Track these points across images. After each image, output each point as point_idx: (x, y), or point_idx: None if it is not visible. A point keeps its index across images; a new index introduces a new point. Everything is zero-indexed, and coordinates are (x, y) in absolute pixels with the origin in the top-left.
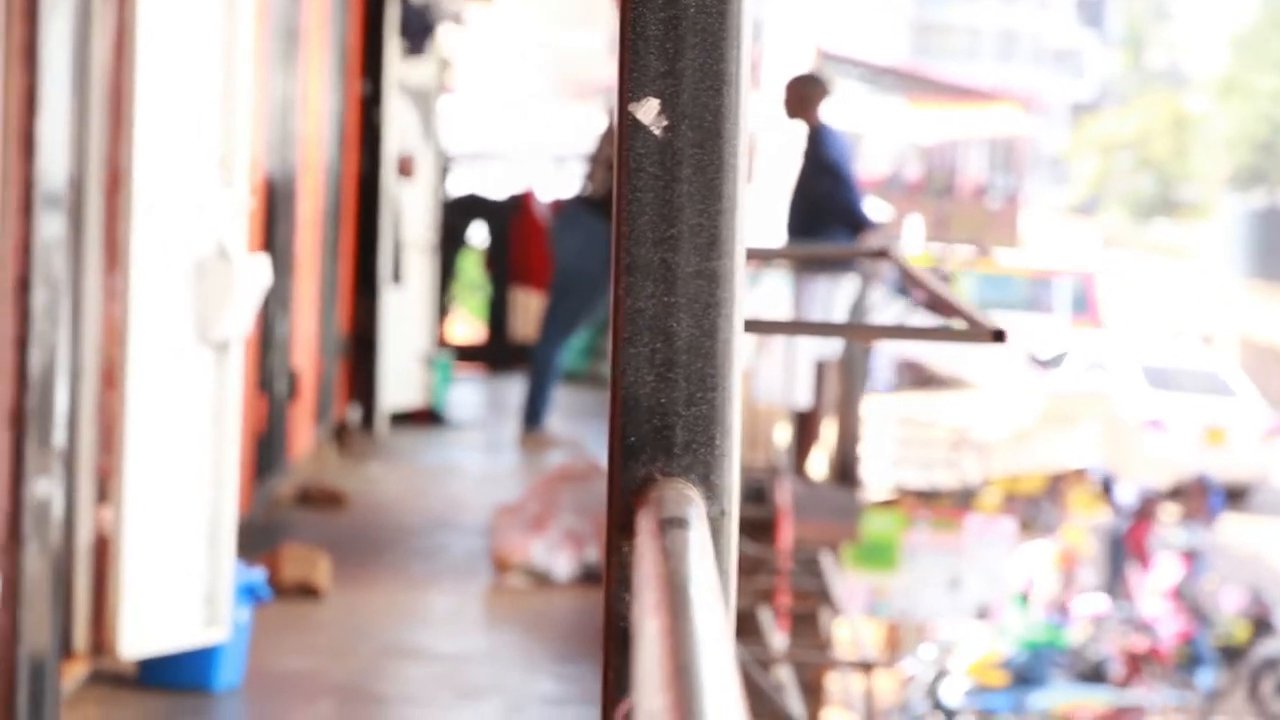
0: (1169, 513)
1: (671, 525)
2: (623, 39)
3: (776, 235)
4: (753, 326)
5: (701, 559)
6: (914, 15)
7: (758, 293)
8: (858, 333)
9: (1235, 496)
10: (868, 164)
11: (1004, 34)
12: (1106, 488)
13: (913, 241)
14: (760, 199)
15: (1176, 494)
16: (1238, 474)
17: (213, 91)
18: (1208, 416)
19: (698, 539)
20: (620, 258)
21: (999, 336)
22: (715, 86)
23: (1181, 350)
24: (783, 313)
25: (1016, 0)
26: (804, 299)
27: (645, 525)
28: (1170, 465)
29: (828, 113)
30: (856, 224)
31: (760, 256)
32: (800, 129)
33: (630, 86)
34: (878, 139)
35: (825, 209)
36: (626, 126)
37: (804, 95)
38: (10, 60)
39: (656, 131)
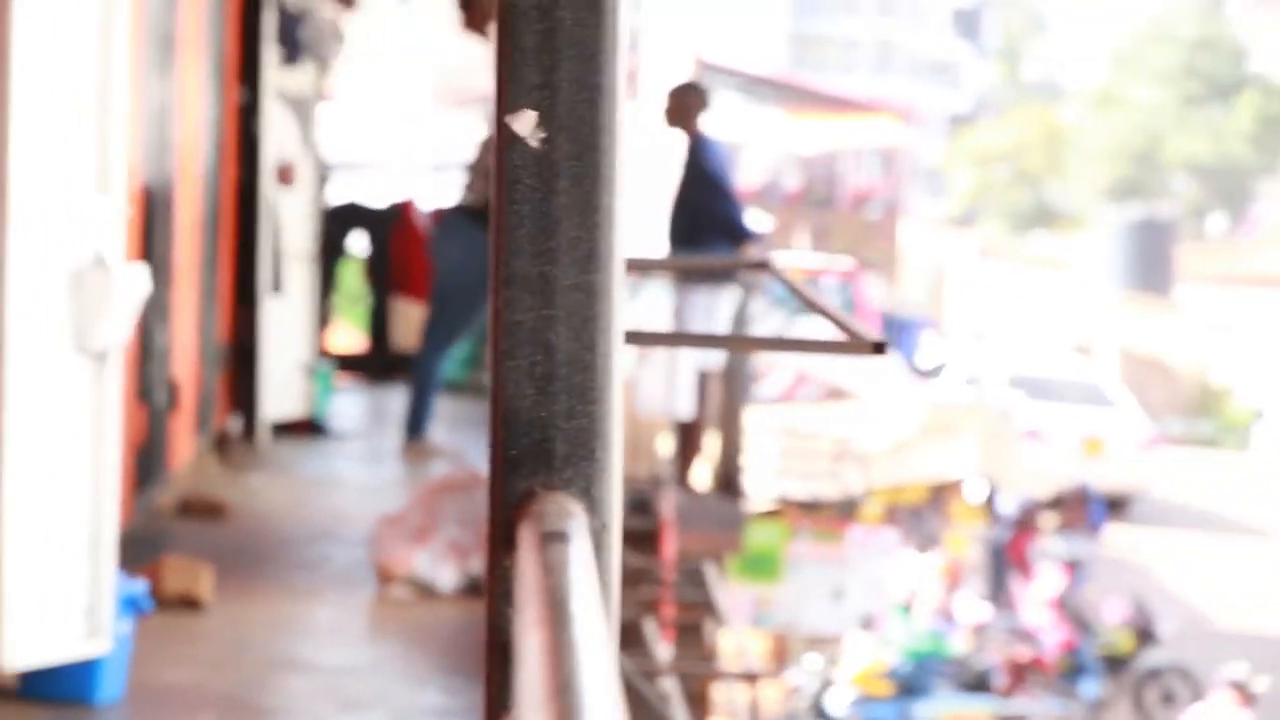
0: (1050, 522)
1: (552, 539)
2: (499, 51)
3: (657, 245)
4: (634, 339)
5: (583, 573)
6: (791, 27)
7: (639, 303)
8: (739, 344)
9: (1115, 507)
10: (747, 174)
11: (881, 45)
12: (988, 498)
13: (799, 253)
14: (640, 208)
15: (1057, 504)
16: (1117, 484)
17: (88, 99)
18: (1086, 427)
19: (579, 553)
20: (499, 271)
21: (879, 348)
22: (592, 98)
23: (1059, 361)
24: (664, 323)
25: (893, 12)
26: (685, 310)
27: (526, 539)
28: (1050, 475)
29: (707, 123)
30: (736, 235)
31: (640, 267)
32: (679, 138)
33: (507, 98)
34: (757, 149)
35: (705, 220)
36: (504, 138)
37: (684, 104)
38: None
39: (533, 143)
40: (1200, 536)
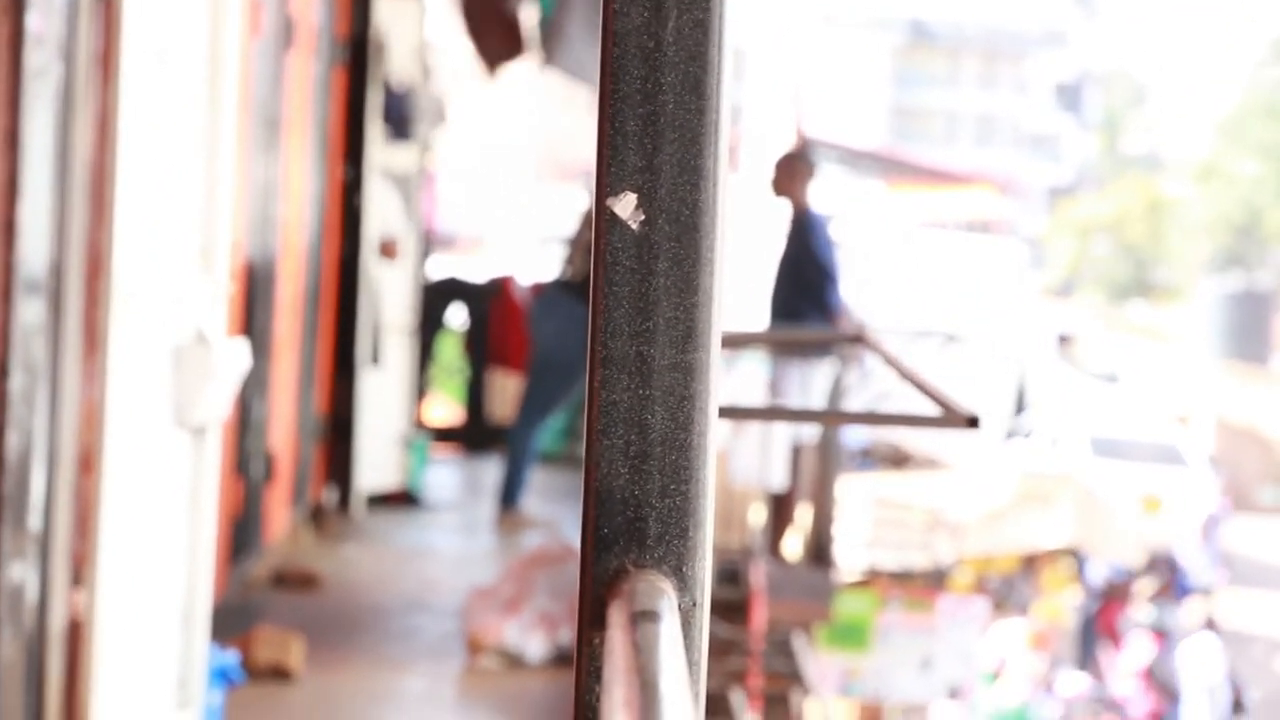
0: (1141, 592)
1: (642, 619)
2: (600, 133)
3: (758, 315)
4: (728, 413)
5: (672, 653)
6: (893, 99)
7: (734, 375)
8: (833, 419)
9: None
10: (849, 246)
11: (982, 119)
12: (1079, 567)
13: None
14: (740, 278)
15: (1149, 572)
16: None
17: (194, 179)
18: (1151, 485)
19: (669, 632)
20: (596, 350)
21: (973, 423)
22: (693, 181)
23: (1138, 422)
24: (759, 395)
25: (995, 85)
26: (781, 382)
27: (616, 618)
28: (1142, 543)
29: (814, 194)
30: (832, 315)
31: (737, 342)
32: (785, 208)
33: (607, 181)
34: (856, 222)
35: (808, 298)
36: (603, 221)
37: (791, 173)
38: None
39: (633, 226)
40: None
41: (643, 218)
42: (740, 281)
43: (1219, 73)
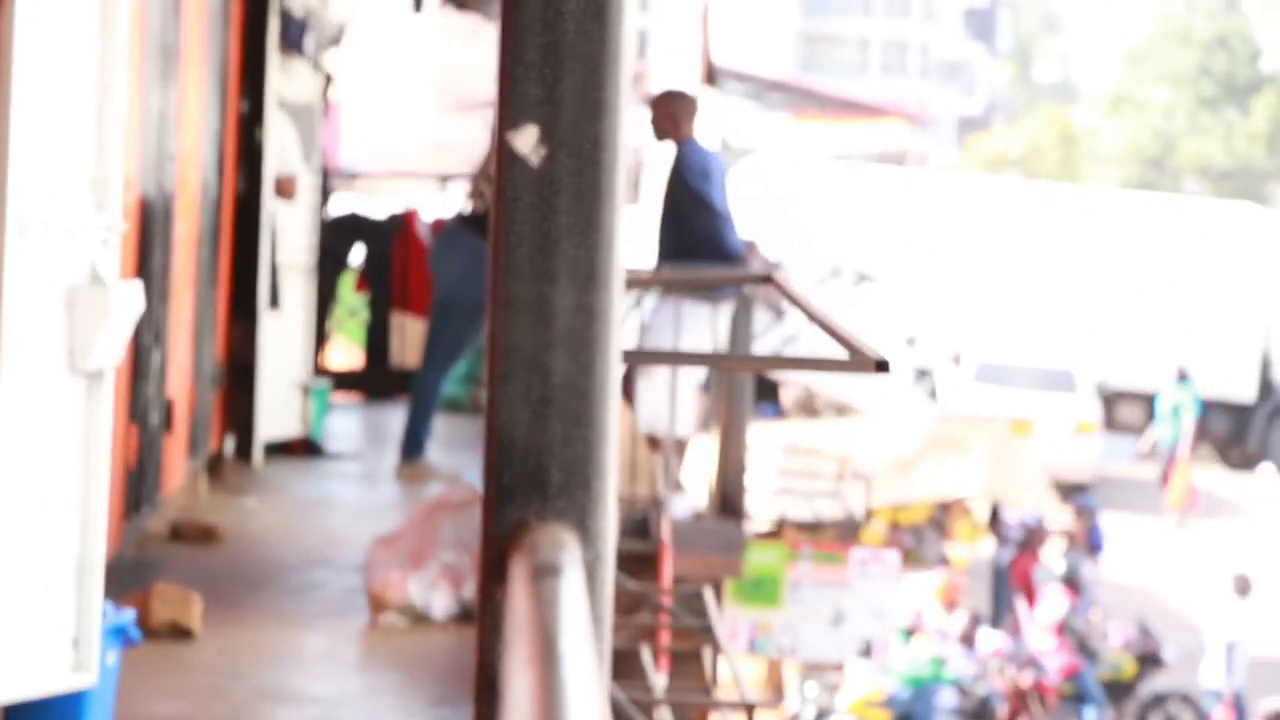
0: (1054, 541)
1: (544, 573)
2: (501, 64)
3: (647, 258)
4: (631, 358)
5: (574, 609)
6: (802, 27)
7: (635, 317)
8: (739, 363)
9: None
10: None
11: (892, 46)
12: (993, 516)
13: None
14: (644, 219)
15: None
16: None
17: (86, 111)
18: (1039, 412)
19: (571, 587)
20: (497, 292)
21: (882, 366)
22: (594, 114)
23: (1025, 347)
24: (660, 335)
25: (905, 13)
26: (683, 322)
27: (519, 573)
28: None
29: (698, 131)
30: (725, 254)
31: (640, 284)
32: (668, 148)
33: (509, 114)
34: (765, 154)
35: (692, 235)
36: (504, 155)
37: (670, 113)
38: None
39: (534, 161)
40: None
41: (544, 152)
42: (643, 223)
43: None
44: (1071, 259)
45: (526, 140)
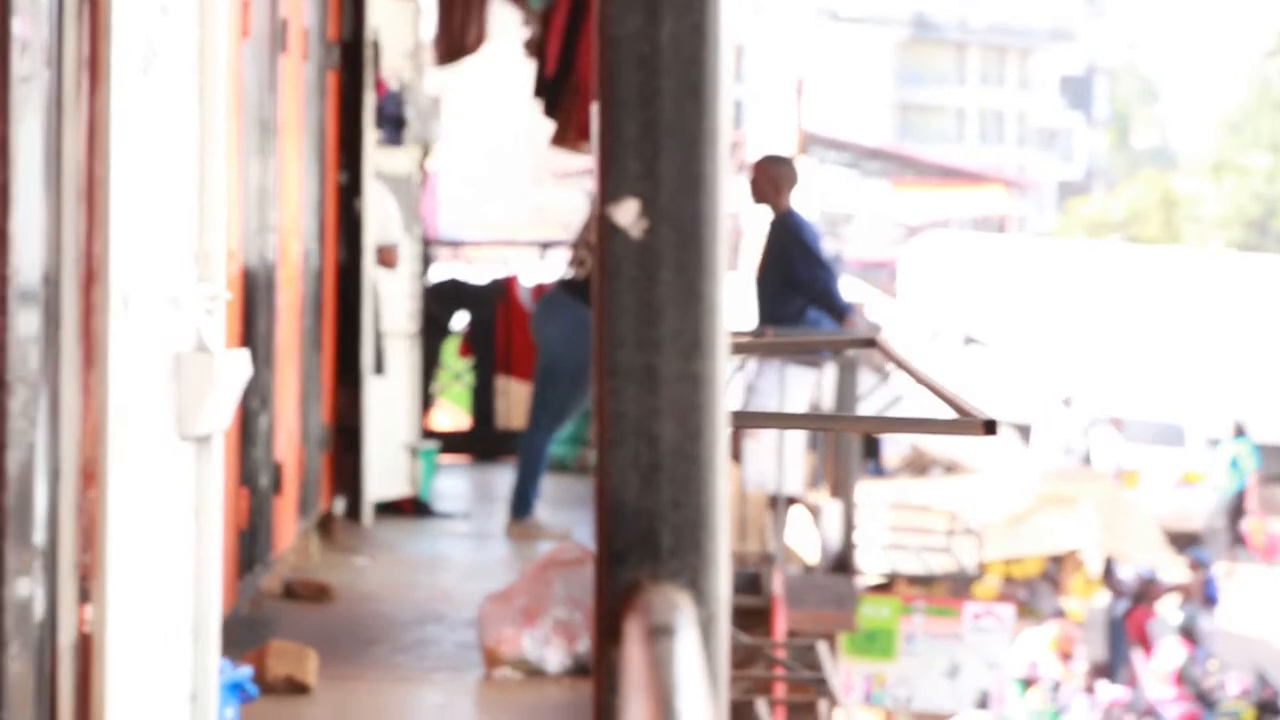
0: (1169, 594)
1: (659, 634)
2: (601, 140)
3: (747, 320)
4: (739, 420)
5: (689, 669)
6: (897, 96)
7: (740, 377)
8: (848, 425)
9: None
10: (852, 246)
11: (988, 115)
12: (1106, 569)
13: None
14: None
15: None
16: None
17: (187, 184)
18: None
19: (686, 647)
20: (603, 361)
21: (990, 428)
22: (694, 188)
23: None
24: (766, 396)
25: (1001, 81)
26: (789, 383)
27: (633, 633)
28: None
29: (796, 198)
30: (838, 311)
31: (745, 349)
32: (765, 214)
33: (609, 188)
34: (863, 220)
35: (801, 293)
36: (605, 229)
37: (773, 177)
38: None
39: (635, 234)
40: None
41: (645, 225)
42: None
43: (1226, 66)
44: (1176, 318)
45: (627, 214)
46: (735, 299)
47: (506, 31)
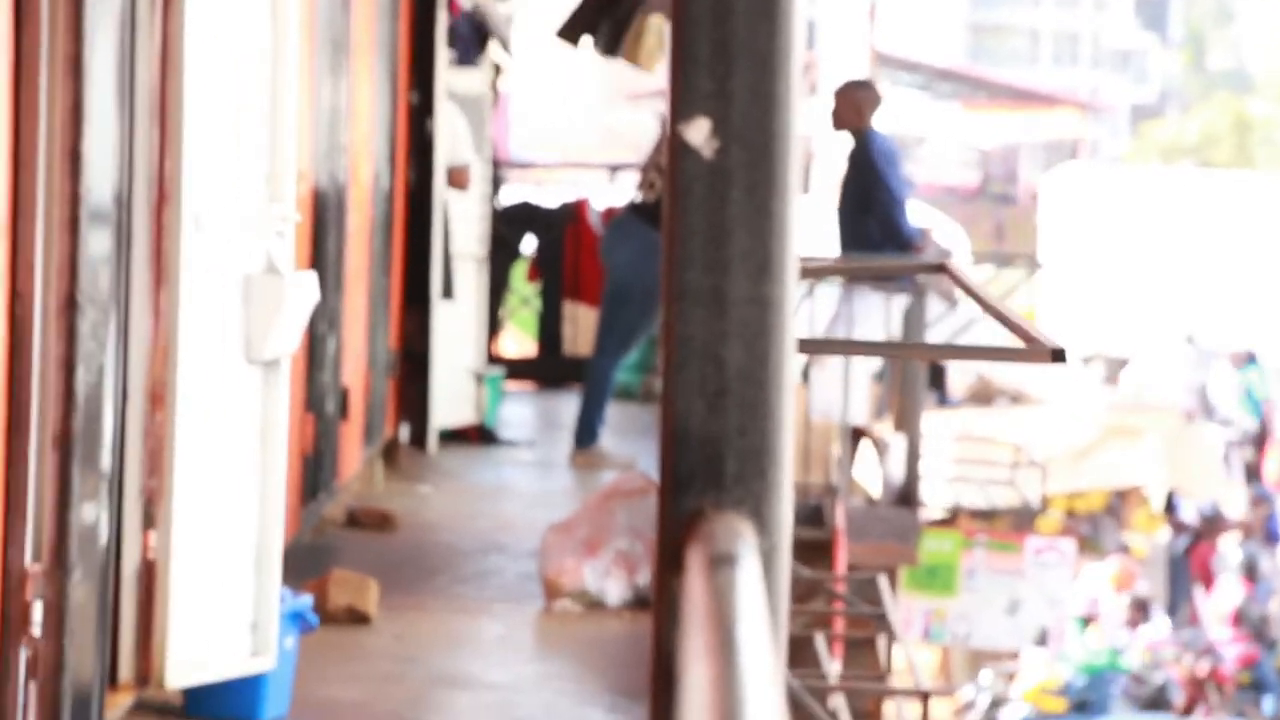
0: (1231, 531)
1: (721, 562)
2: (673, 59)
3: (827, 246)
4: (806, 347)
5: (751, 599)
6: (971, 17)
7: (809, 305)
8: (912, 351)
9: None
10: (924, 169)
11: (1062, 36)
12: (1169, 505)
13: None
14: (819, 208)
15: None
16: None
17: (259, 105)
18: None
19: (747, 577)
20: (670, 283)
21: (1058, 356)
22: (766, 107)
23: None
24: (835, 326)
25: (1075, 3)
26: (858, 313)
27: (695, 562)
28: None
29: (877, 120)
30: (903, 242)
31: (813, 273)
32: (847, 138)
33: (680, 107)
34: (935, 143)
35: (871, 222)
36: (676, 148)
37: (853, 103)
38: (55, 74)
39: (707, 153)
40: None
41: (717, 144)
42: (810, 214)
43: None
44: (1248, 244)
45: (699, 133)
46: (806, 222)
47: None
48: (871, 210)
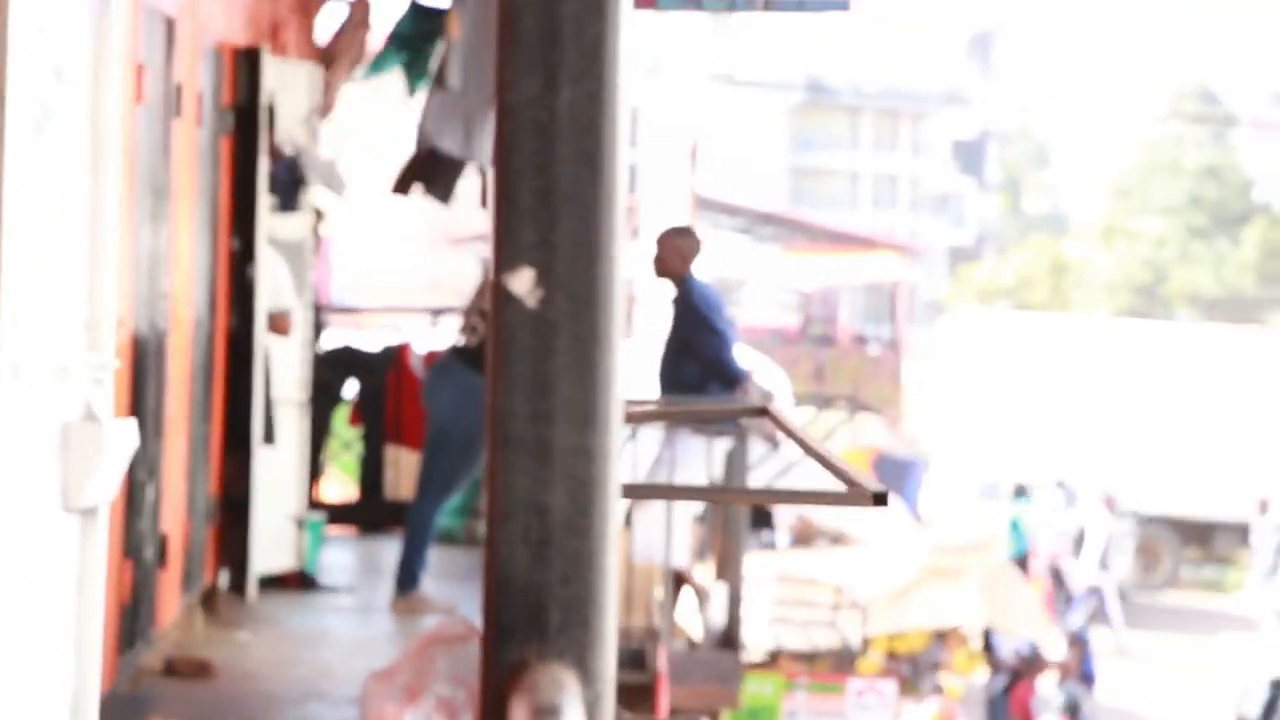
0: (1049, 671)
1: (545, 714)
2: (496, 209)
3: (649, 390)
4: (630, 492)
5: None
6: (791, 161)
7: (632, 448)
8: (735, 496)
9: None
10: (745, 312)
11: (882, 179)
12: (987, 645)
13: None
14: (640, 352)
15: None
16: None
17: (78, 250)
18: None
19: None
20: (495, 432)
21: (880, 500)
22: (590, 256)
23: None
24: (657, 468)
25: (893, 147)
26: (680, 455)
27: (518, 713)
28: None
29: (699, 266)
30: (731, 379)
31: (638, 419)
32: (666, 284)
33: (504, 257)
34: (756, 286)
35: (696, 363)
36: (501, 297)
37: (676, 249)
38: None
39: (531, 303)
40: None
41: (541, 294)
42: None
43: (1117, 131)
44: (1065, 386)
45: (523, 283)
46: (630, 369)
47: (402, 103)
48: (695, 354)
